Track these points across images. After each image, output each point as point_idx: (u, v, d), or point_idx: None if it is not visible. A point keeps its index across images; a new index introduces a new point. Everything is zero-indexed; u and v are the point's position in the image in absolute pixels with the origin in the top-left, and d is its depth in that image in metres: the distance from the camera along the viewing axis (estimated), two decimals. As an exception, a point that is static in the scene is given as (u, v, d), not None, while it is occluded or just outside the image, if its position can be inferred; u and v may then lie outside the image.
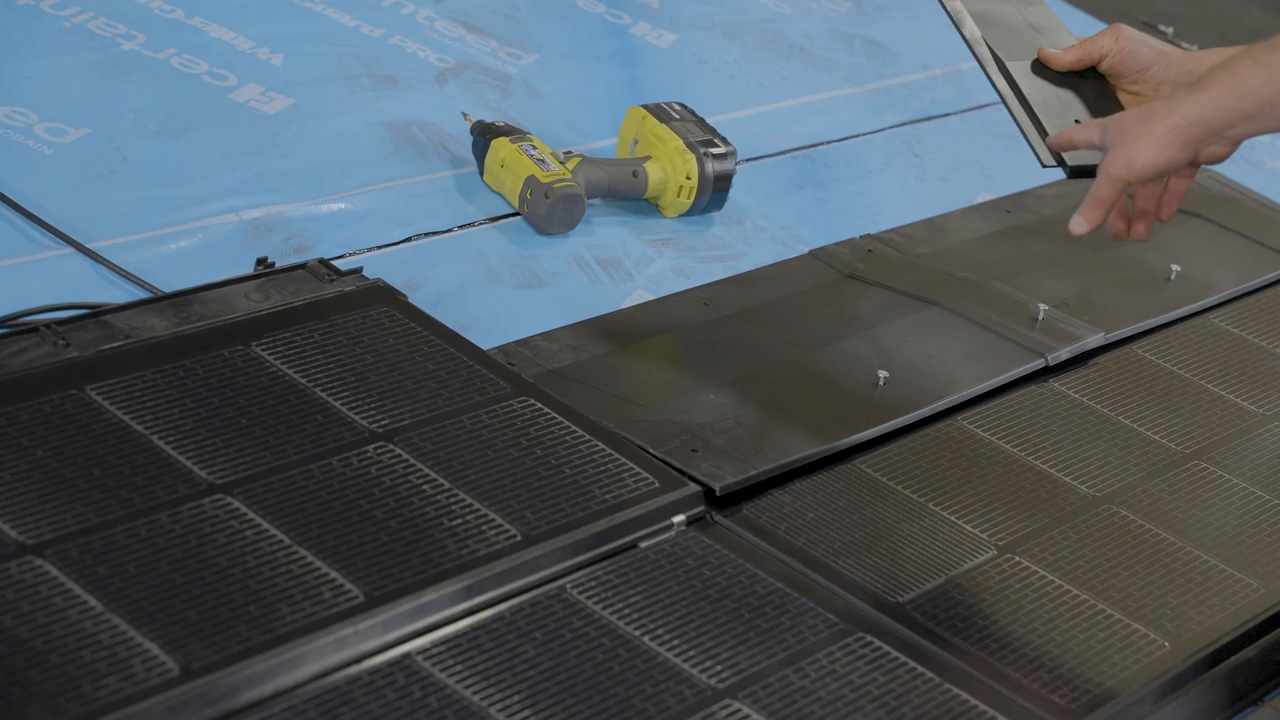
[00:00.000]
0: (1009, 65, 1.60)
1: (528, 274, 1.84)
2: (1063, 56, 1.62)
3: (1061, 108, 1.59)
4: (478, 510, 1.41)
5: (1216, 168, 2.38)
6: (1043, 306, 1.89)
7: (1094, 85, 1.62)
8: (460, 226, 1.88)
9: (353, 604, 1.29)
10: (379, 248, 1.80)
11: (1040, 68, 1.62)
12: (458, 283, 1.79)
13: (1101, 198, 1.52)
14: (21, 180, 1.72)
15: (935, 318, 1.86)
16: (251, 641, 1.24)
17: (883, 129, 2.30)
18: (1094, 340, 1.88)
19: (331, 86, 2.02)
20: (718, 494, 1.51)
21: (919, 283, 1.92)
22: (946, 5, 1.65)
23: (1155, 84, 1.60)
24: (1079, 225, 1.54)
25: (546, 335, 1.71)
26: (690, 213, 1.99)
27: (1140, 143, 1.48)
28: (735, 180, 1.99)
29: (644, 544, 1.45)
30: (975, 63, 1.63)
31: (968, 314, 1.87)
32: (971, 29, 1.63)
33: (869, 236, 2.01)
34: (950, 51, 2.53)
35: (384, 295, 1.64)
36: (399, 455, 1.45)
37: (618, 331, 1.76)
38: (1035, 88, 1.60)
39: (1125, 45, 1.61)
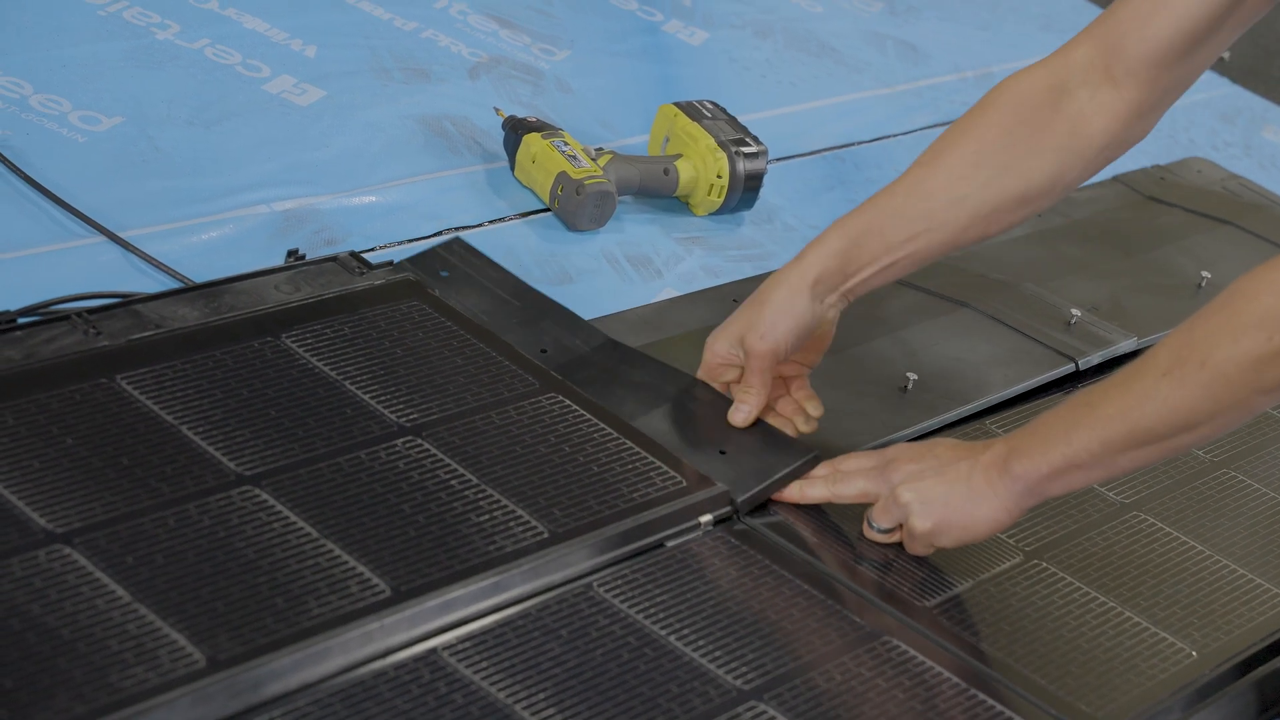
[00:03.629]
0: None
1: (557, 270, 1.84)
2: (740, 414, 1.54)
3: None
4: (505, 506, 1.41)
5: (1247, 174, 2.37)
6: (1075, 311, 1.89)
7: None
8: (491, 221, 1.88)
9: (379, 598, 1.29)
10: (410, 241, 1.80)
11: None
12: (487, 278, 1.79)
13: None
14: (55, 168, 1.72)
15: (966, 319, 1.85)
16: (278, 634, 1.24)
17: (913, 130, 2.30)
18: (1126, 345, 1.87)
19: (364, 79, 2.02)
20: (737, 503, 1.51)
21: (951, 283, 1.91)
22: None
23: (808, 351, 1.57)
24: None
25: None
26: (721, 211, 1.99)
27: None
28: (765, 179, 1.99)
29: (670, 543, 1.45)
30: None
31: (999, 316, 1.86)
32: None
33: (900, 238, 2.00)
34: (982, 53, 2.53)
35: (414, 289, 1.64)
36: (427, 450, 1.45)
37: (644, 327, 1.75)
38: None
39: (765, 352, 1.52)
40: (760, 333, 1.54)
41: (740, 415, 1.56)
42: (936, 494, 1.43)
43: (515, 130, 1.94)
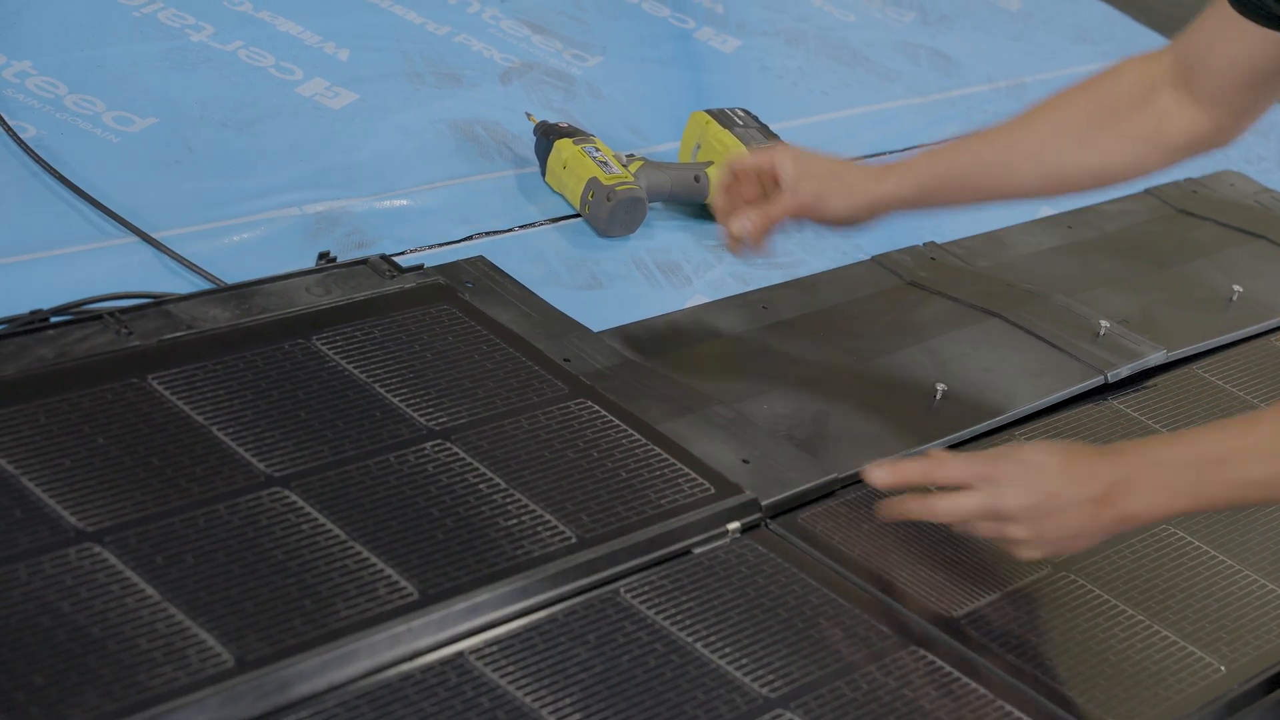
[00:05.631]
0: None
1: (587, 276, 1.84)
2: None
3: None
4: (533, 511, 1.41)
5: (1277, 186, 2.37)
6: (1104, 323, 1.88)
7: None
8: (521, 226, 1.89)
9: (407, 601, 1.29)
10: (440, 245, 1.81)
11: None
12: (517, 282, 1.79)
13: None
14: (89, 168, 1.73)
15: (996, 330, 1.85)
16: (306, 635, 1.24)
17: (945, 140, 2.29)
18: (1156, 358, 1.86)
19: (396, 83, 2.03)
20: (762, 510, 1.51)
21: (981, 293, 1.91)
22: None
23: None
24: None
25: (600, 335, 1.71)
26: (751, 219, 1.98)
27: None
28: (797, 188, 1.98)
29: (698, 550, 1.45)
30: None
31: (1029, 327, 1.86)
32: None
33: (932, 244, 2.00)
34: (1014, 64, 2.52)
35: (444, 293, 1.64)
36: (456, 453, 1.45)
37: (673, 334, 1.75)
38: None
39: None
40: (815, 192, 1.57)
41: (737, 225, 1.58)
42: (1051, 535, 1.42)
43: (546, 136, 1.94)
